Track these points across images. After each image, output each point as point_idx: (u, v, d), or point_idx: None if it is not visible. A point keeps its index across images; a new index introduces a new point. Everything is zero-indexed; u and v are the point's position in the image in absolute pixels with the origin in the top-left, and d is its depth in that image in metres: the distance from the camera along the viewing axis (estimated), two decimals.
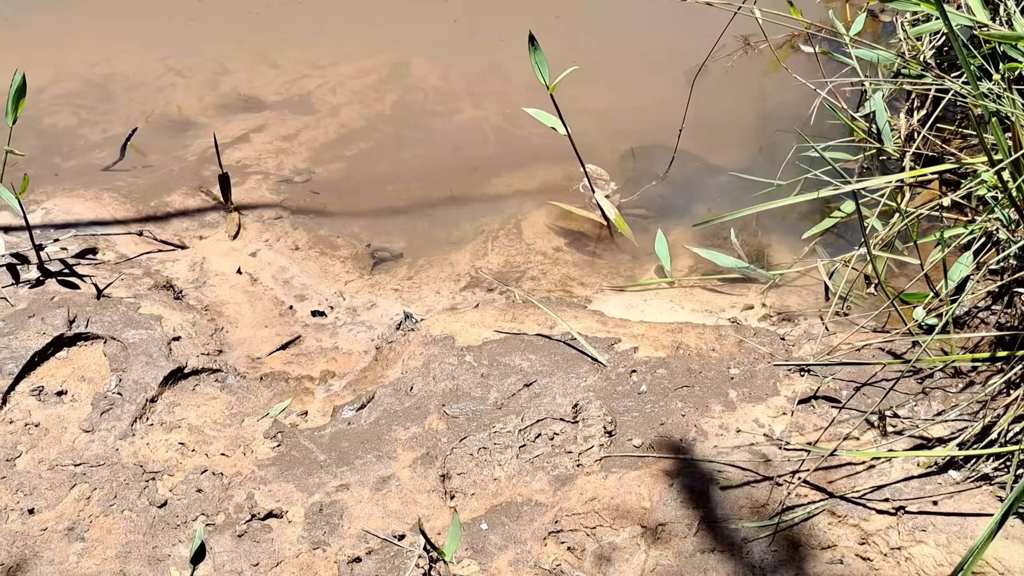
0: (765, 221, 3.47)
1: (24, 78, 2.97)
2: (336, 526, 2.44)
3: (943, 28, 2.98)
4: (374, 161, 3.98)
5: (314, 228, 3.62)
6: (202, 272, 3.34)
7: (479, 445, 2.61)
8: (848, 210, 3.28)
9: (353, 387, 2.91)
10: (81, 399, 2.80)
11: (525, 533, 2.40)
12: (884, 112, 3.32)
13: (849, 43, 3.35)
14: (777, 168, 3.42)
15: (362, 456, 2.61)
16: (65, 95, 4.44)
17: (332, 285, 3.37)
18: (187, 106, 4.34)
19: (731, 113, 4.04)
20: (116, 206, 3.67)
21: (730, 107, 4.06)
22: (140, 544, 2.43)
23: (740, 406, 2.63)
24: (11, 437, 2.69)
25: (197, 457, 2.64)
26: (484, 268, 3.42)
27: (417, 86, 4.37)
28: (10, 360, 2.88)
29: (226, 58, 4.61)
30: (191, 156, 4.01)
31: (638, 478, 2.46)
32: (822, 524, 2.32)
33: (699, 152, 3.83)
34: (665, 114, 3.88)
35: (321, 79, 4.45)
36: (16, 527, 2.47)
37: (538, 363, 2.82)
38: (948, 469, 2.39)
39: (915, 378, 2.64)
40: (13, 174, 3.40)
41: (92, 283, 3.21)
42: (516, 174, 3.87)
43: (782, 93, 3.94)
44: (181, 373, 2.90)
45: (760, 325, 2.97)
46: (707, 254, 3.24)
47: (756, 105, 4.08)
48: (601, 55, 4.34)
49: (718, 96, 4.04)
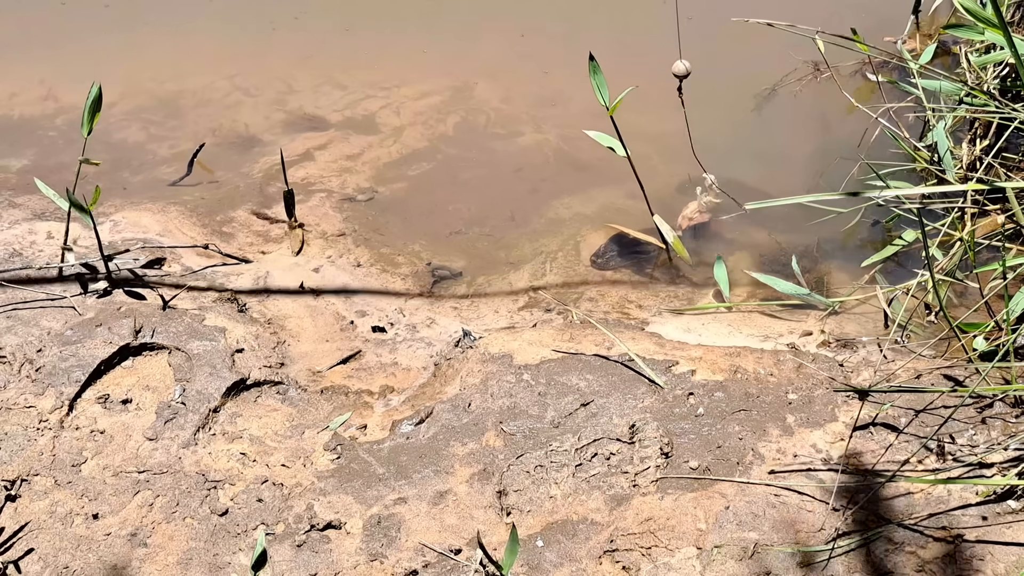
0: (825, 249, 3.47)
1: (100, 90, 3.04)
2: (393, 539, 2.47)
3: (1007, 59, 2.97)
4: (436, 181, 4.03)
5: (376, 246, 3.67)
6: (265, 286, 3.39)
7: (536, 463, 2.62)
8: (909, 239, 3.27)
9: (412, 402, 2.94)
10: (145, 408, 2.85)
11: (580, 551, 2.41)
12: (946, 140, 3.31)
13: (915, 72, 3.34)
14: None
15: (420, 470, 2.64)
16: (135, 110, 4.53)
17: (392, 302, 3.41)
18: (253, 124, 4.42)
19: (794, 140, 4.04)
20: (182, 220, 3.74)
21: (793, 134, 4.06)
22: (201, 551, 2.47)
23: (798, 431, 2.63)
24: (77, 443, 2.75)
25: (258, 467, 2.68)
26: (542, 288, 3.45)
27: (479, 108, 4.42)
28: (77, 368, 2.94)
29: (292, 78, 4.69)
30: (256, 173, 4.08)
31: (694, 500, 2.47)
32: (878, 551, 2.31)
33: (759, 180, 3.83)
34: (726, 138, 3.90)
35: (385, 100, 4.51)
36: (81, 531, 2.52)
37: (595, 383, 2.84)
38: (1007, 498, 2.37)
39: (975, 406, 2.62)
40: (84, 186, 3.47)
41: (158, 294, 3.27)
42: (576, 196, 3.90)
43: (847, 122, 3.93)
44: (243, 384, 2.95)
45: (819, 351, 2.96)
46: (767, 279, 3.24)
47: (819, 134, 4.08)
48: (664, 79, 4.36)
49: (782, 122, 4.05)
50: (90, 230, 3.26)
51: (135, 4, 5.23)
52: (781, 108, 4.10)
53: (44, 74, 4.80)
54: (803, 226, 3.31)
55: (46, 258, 3.43)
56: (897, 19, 4.19)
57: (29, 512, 2.56)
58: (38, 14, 5.23)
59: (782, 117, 4.08)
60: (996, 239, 2.99)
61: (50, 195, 3.22)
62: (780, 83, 4.12)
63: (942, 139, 3.31)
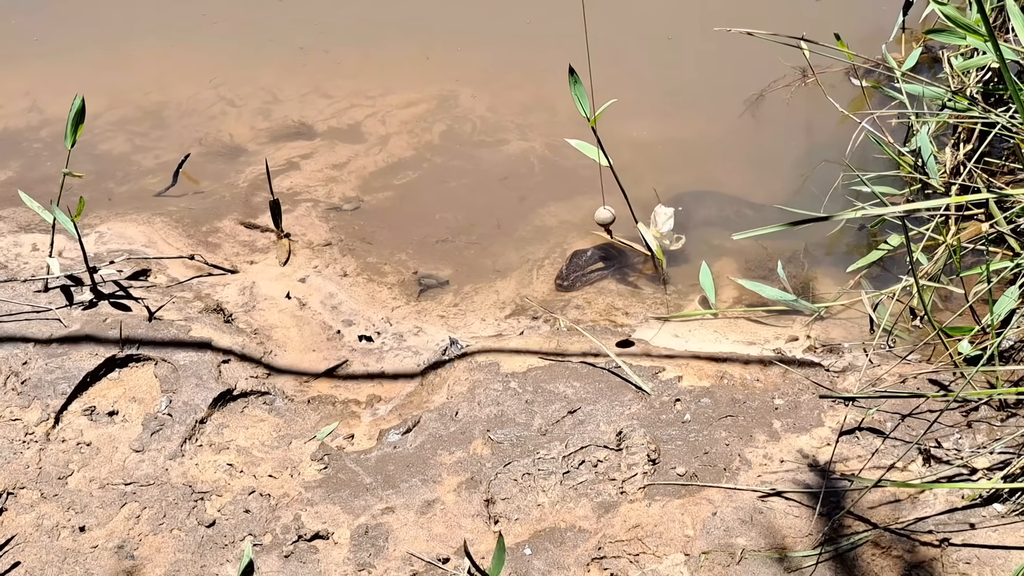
0: (811, 253, 3.48)
1: (83, 102, 3.04)
2: (381, 548, 2.47)
3: (990, 63, 2.99)
4: (422, 190, 4.03)
5: (362, 255, 3.67)
6: (252, 296, 3.39)
7: (523, 471, 2.63)
8: (894, 243, 3.29)
9: (399, 411, 2.94)
10: (132, 419, 2.85)
11: (568, 559, 2.41)
12: (930, 146, 3.32)
13: (900, 77, 3.36)
14: (823, 201, 3.43)
15: (407, 480, 2.64)
16: (120, 121, 4.53)
17: (379, 311, 3.41)
18: (239, 134, 4.41)
19: (778, 146, 4.05)
20: (168, 230, 3.74)
21: (778, 141, 4.07)
22: (189, 563, 2.47)
23: (784, 436, 2.64)
24: (63, 456, 2.74)
25: (245, 478, 2.68)
26: (529, 296, 3.45)
27: (465, 117, 4.42)
28: (63, 380, 2.93)
29: (278, 87, 4.69)
30: (242, 183, 4.08)
31: (682, 506, 2.47)
32: (865, 555, 2.32)
33: (744, 184, 3.84)
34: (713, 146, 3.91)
35: (371, 109, 4.51)
36: (67, 544, 2.52)
37: (582, 391, 2.84)
38: (993, 502, 2.38)
39: (960, 411, 2.63)
40: (68, 198, 3.47)
41: (144, 305, 3.26)
42: (562, 204, 3.90)
43: (832, 128, 3.94)
44: (230, 395, 2.94)
45: (805, 356, 2.97)
46: (752, 286, 3.25)
47: (804, 139, 4.09)
48: (651, 87, 4.37)
49: (766, 129, 4.06)
50: (75, 242, 3.26)
51: (119, 17, 5.23)
52: (769, 114, 4.11)
53: (29, 86, 4.80)
54: (789, 231, 3.32)
55: (31, 270, 3.42)
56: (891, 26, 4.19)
57: (15, 526, 2.56)
58: (21, 25, 5.22)
59: (769, 122, 4.09)
60: (980, 244, 3.00)
61: (34, 207, 3.21)
62: (767, 89, 4.13)
63: (925, 144, 3.32)
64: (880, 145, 3.45)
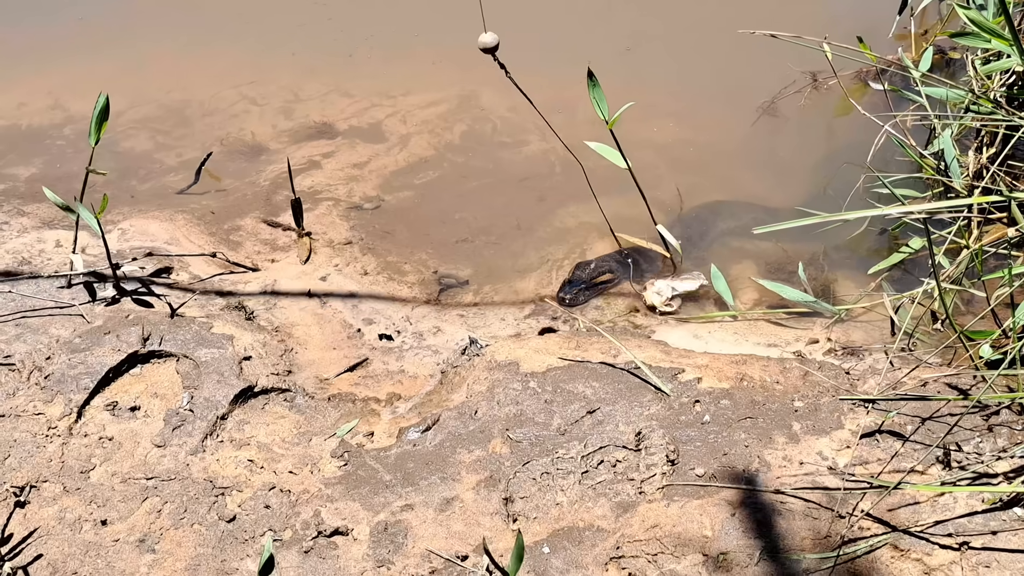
0: (831, 256, 3.47)
1: (107, 100, 3.05)
2: (400, 545, 2.48)
3: (1014, 66, 2.98)
4: (442, 190, 4.04)
5: (383, 254, 3.68)
6: (273, 294, 3.40)
7: (542, 470, 2.63)
8: (915, 246, 3.27)
9: (419, 410, 2.94)
10: (154, 415, 2.87)
11: (587, 558, 2.42)
12: (952, 148, 3.30)
13: (919, 80, 3.34)
14: (843, 203, 3.42)
15: (427, 477, 2.65)
16: (142, 120, 4.56)
17: (399, 310, 3.42)
18: (260, 133, 4.43)
19: (798, 150, 4.04)
20: (190, 228, 3.76)
21: (797, 144, 4.06)
22: (209, 557, 2.48)
23: (804, 438, 2.63)
24: (85, 450, 2.76)
25: (265, 474, 2.69)
26: (549, 296, 3.45)
27: (485, 117, 4.43)
28: (86, 375, 2.95)
29: (299, 87, 4.71)
30: (264, 181, 4.10)
31: (700, 507, 2.47)
32: (884, 557, 2.31)
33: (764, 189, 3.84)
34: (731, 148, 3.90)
35: (392, 108, 4.52)
36: (89, 537, 2.53)
37: (601, 391, 2.84)
38: (1013, 506, 2.37)
39: (980, 414, 2.62)
40: (92, 195, 3.48)
41: (166, 302, 3.28)
42: (582, 205, 3.90)
43: (851, 130, 3.93)
44: (251, 392, 2.96)
45: (825, 359, 2.97)
46: (773, 287, 3.24)
47: (823, 142, 4.08)
48: (671, 89, 4.37)
49: (785, 132, 4.05)
50: (98, 238, 3.28)
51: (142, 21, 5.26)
52: (784, 118, 4.11)
53: (52, 85, 4.82)
54: (809, 234, 3.31)
55: (55, 266, 3.44)
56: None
57: (38, 518, 2.58)
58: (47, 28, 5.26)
59: (786, 127, 4.09)
60: (1003, 247, 2.99)
61: (58, 203, 3.23)
62: (779, 95, 4.13)
63: (949, 147, 3.30)
64: (903, 147, 3.44)
